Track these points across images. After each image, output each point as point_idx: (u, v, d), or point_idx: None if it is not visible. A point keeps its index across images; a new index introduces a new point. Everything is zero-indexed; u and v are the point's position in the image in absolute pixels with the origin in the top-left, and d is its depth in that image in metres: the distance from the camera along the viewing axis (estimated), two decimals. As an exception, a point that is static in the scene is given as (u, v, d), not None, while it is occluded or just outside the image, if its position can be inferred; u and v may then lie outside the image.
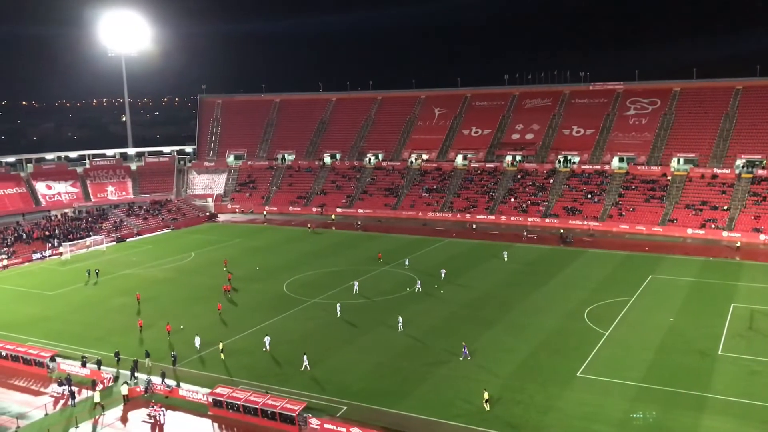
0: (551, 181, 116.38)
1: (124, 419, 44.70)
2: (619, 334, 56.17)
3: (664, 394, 44.68)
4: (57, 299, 73.08)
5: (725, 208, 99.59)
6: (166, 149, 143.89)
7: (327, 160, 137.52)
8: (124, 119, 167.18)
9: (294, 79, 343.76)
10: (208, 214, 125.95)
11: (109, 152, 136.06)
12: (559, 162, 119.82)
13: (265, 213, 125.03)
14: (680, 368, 48.79)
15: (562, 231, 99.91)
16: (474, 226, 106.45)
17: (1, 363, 54.32)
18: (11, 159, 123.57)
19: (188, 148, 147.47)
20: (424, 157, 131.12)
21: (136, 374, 50.34)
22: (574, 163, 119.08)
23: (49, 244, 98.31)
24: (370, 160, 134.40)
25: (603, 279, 73.75)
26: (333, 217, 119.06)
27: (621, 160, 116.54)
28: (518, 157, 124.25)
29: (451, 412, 42.96)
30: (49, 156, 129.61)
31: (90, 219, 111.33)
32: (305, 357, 51.02)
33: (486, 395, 43.58)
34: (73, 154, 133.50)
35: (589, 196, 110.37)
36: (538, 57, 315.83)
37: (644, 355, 51.36)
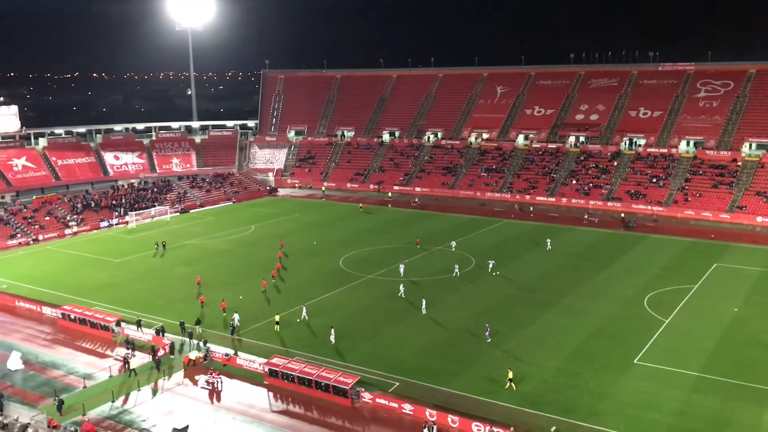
0: (615, 163, 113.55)
1: (183, 384, 46.18)
2: (680, 323, 54.76)
3: (724, 385, 43.43)
4: (122, 267, 75.67)
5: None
6: (230, 123, 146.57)
7: (386, 137, 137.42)
8: (189, 93, 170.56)
9: (355, 55, 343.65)
10: (268, 188, 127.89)
11: (175, 125, 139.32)
12: (624, 144, 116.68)
13: (323, 189, 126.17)
14: (743, 360, 47.28)
15: (623, 215, 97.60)
16: (531, 208, 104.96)
17: (69, 326, 56.77)
18: (82, 129, 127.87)
19: (251, 123, 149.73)
20: (485, 136, 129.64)
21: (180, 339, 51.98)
22: (639, 145, 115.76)
23: (116, 213, 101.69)
24: (429, 138, 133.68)
25: (665, 265, 71.80)
26: (390, 194, 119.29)
27: (689, 143, 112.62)
28: (582, 138, 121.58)
29: (504, 393, 42.80)
30: (118, 127, 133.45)
31: (155, 190, 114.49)
32: (332, 330, 51.87)
33: (510, 374, 43.64)
34: (140, 126, 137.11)
35: (654, 180, 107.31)
36: (605, 35, 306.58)
37: (705, 345, 49.97)
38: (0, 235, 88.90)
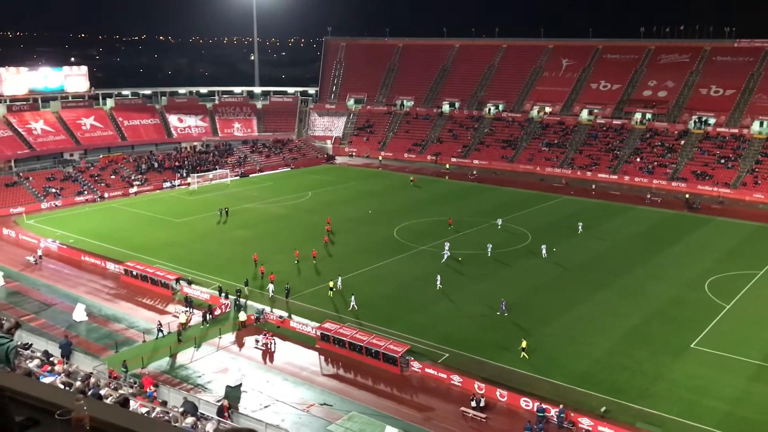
0: (682, 142, 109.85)
1: (237, 344, 47.37)
2: (742, 309, 53.04)
3: (786, 376, 42.06)
4: (182, 227, 77.60)
5: None
6: (290, 89, 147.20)
7: (445, 108, 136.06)
8: (252, 58, 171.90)
9: (418, 23, 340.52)
10: (326, 155, 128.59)
11: (237, 90, 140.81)
12: (693, 123, 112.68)
13: (380, 158, 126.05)
14: (808, 351, 45.62)
15: (687, 196, 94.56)
16: (594, 186, 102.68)
17: (131, 281, 58.70)
18: (148, 91, 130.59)
19: (311, 90, 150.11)
20: (547, 109, 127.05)
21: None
22: (709, 124, 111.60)
23: (178, 175, 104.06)
24: (489, 110, 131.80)
25: (729, 249, 69.48)
26: (447, 166, 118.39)
27: (762, 124, 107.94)
28: (648, 115, 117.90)
29: (555, 371, 42.40)
30: (182, 90, 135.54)
31: (216, 153, 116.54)
32: (353, 297, 52.34)
33: (524, 344, 43.90)
34: (203, 90, 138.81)
35: (723, 161, 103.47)
36: (678, 9, 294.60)
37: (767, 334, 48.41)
38: (68, 191, 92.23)
